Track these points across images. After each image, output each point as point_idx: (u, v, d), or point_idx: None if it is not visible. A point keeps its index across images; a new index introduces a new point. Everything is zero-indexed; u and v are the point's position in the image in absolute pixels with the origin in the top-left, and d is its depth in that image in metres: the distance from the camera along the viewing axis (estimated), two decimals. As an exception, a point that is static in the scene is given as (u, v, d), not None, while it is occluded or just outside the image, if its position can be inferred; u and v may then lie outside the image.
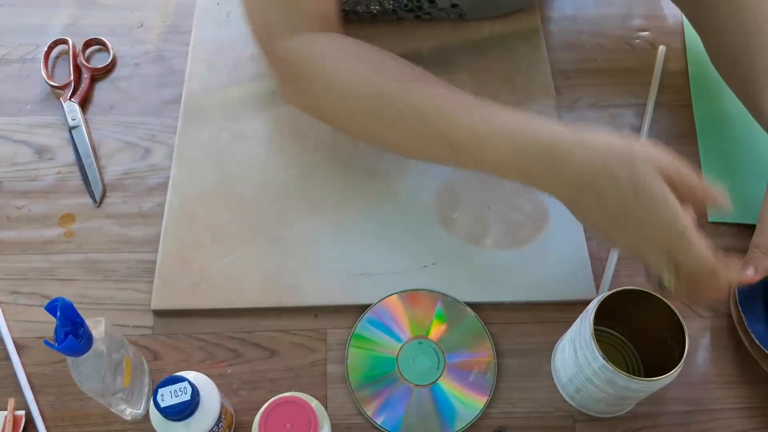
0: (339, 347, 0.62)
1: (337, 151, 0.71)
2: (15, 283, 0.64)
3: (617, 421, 0.59)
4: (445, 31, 0.79)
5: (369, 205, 0.68)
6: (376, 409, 0.59)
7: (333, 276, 0.64)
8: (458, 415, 0.59)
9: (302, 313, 0.63)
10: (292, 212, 0.67)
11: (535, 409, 0.60)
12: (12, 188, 0.70)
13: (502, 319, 0.63)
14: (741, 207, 0.69)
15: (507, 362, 0.61)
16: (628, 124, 0.75)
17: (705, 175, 0.72)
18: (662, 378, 0.51)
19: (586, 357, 0.53)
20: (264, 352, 0.62)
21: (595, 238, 0.66)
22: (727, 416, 0.60)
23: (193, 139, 0.72)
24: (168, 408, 0.49)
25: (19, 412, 0.58)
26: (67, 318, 0.47)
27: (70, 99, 0.74)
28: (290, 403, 0.49)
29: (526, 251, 0.66)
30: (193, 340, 0.62)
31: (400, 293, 0.63)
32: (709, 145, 0.74)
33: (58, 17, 0.81)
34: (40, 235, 0.67)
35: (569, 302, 0.63)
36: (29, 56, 0.78)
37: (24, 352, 0.61)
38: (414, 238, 0.66)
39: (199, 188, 0.68)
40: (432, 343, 0.62)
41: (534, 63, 0.78)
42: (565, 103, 0.77)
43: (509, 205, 0.68)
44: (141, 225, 0.68)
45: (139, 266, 0.65)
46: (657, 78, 0.78)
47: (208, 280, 0.64)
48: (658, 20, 0.84)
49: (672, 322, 0.53)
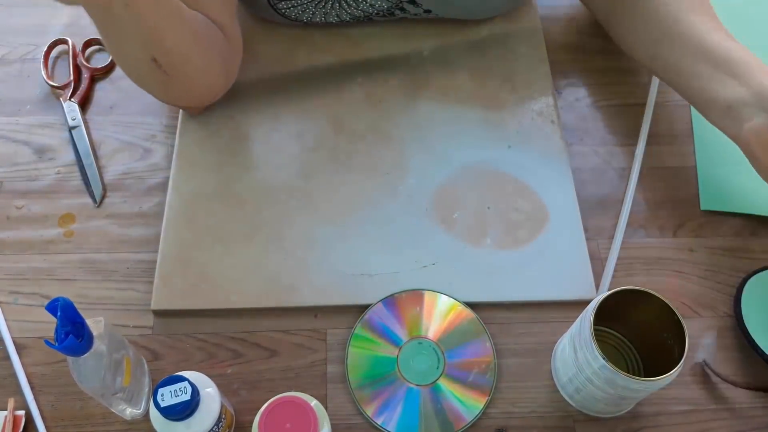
0: (339, 347, 0.62)
1: (337, 151, 0.71)
2: (15, 283, 0.64)
3: (617, 421, 0.59)
4: (445, 31, 0.80)
5: (369, 205, 0.68)
6: (376, 409, 0.59)
7: (333, 276, 0.64)
8: (458, 415, 0.59)
9: (302, 313, 0.63)
10: (292, 212, 0.67)
11: (535, 409, 0.60)
12: (12, 188, 0.70)
13: (502, 319, 0.63)
14: (733, 196, 0.70)
15: (507, 362, 0.61)
16: (628, 124, 0.75)
17: (699, 164, 0.72)
18: (662, 378, 0.51)
19: (586, 357, 0.53)
20: (264, 352, 0.62)
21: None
22: (727, 416, 0.60)
23: (193, 139, 0.72)
24: (168, 408, 0.49)
25: (19, 412, 0.58)
26: (68, 318, 0.47)
27: (70, 99, 0.74)
28: (290, 403, 0.49)
29: (526, 251, 0.66)
30: (193, 340, 0.62)
31: (400, 293, 0.63)
32: (704, 136, 0.74)
33: (58, 17, 0.81)
34: (40, 235, 0.67)
35: (569, 302, 0.63)
36: (29, 56, 0.78)
37: (24, 352, 0.61)
38: (414, 238, 0.66)
39: (199, 188, 0.68)
40: (432, 343, 0.62)
41: (534, 63, 0.78)
42: (565, 103, 0.77)
43: (509, 205, 0.68)
44: (141, 225, 0.68)
45: (139, 266, 0.65)
46: (657, 78, 0.78)
47: (208, 280, 0.64)
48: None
49: (672, 322, 0.53)
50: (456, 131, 0.73)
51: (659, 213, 0.70)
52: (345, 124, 0.73)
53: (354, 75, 0.76)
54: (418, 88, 0.76)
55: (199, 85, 0.67)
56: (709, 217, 0.69)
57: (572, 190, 0.69)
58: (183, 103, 0.71)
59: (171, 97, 0.68)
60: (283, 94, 0.75)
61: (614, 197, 0.70)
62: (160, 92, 0.66)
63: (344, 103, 0.74)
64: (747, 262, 0.67)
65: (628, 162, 0.73)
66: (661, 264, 0.67)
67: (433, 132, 0.73)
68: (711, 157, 0.73)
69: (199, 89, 0.68)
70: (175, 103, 0.71)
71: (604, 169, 0.72)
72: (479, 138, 0.72)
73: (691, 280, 0.66)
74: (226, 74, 0.70)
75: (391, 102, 0.75)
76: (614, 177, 0.72)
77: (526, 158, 0.71)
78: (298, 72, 0.77)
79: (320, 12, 0.74)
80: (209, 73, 0.66)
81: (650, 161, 0.73)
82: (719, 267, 0.67)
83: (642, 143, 0.73)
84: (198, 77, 0.65)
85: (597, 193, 0.71)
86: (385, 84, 0.76)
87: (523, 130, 0.73)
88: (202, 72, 0.65)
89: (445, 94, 0.75)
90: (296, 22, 0.76)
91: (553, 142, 0.72)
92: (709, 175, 0.71)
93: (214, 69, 0.67)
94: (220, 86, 0.70)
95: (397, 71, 0.77)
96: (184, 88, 0.65)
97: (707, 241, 0.68)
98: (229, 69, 0.70)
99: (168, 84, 0.63)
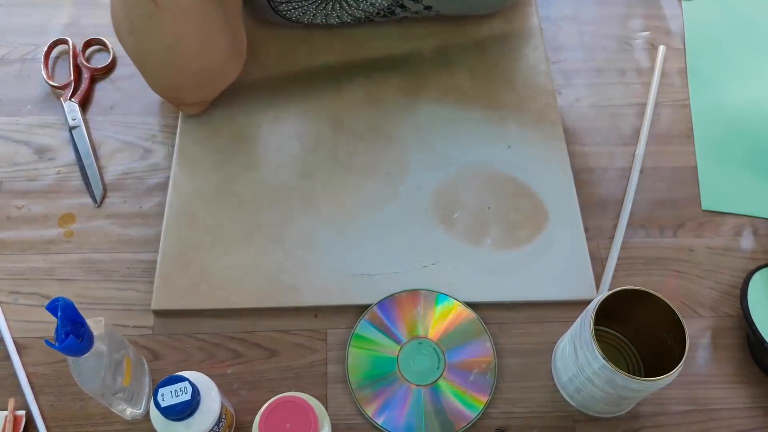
0: (339, 347, 0.62)
1: (337, 151, 0.71)
2: (15, 283, 0.64)
3: (617, 421, 0.59)
4: (445, 31, 0.80)
5: (369, 205, 0.68)
6: (377, 410, 0.59)
7: (333, 276, 0.64)
8: (458, 415, 0.59)
9: (302, 313, 0.63)
10: (292, 212, 0.67)
11: (535, 409, 0.60)
12: (12, 188, 0.70)
13: (502, 319, 0.63)
14: (733, 196, 0.70)
15: (507, 362, 0.61)
16: (628, 124, 0.75)
17: (700, 165, 0.72)
18: (662, 378, 0.51)
19: (586, 357, 0.53)
20: (264, 352, 0.62)
21: None
22: (727, 416, 0.60)
23: (193, 139, 0.72)
24: (168, 408, 0.49)
25: (20, 412, 0.58)
26: (68, 318, 0.47)
27: (70, 99, 0.74)
28: (290, 403, 0.49)
29: (526, 251, 0.66)
30: (193, 340, 0.62)
31: (400, 293, 0.63)
32: (704, 137, 0.74)
33: (58, 17, 0.81)
34: (40, 235, 0.67)
35: (569, 302, 0.63)
36: (29, 56, 0.78)
37: (24, 352, 0.61)
38: (414, 238, 0.66)
39: (199, 188, 0.68)
40: (432, 343, 0.62)
41: (534, 63, 0.78)
42: (565, 103, 0.77)
43: (509, 205, 0.68)
44: (141, 225, 0.68)
45: (139, 266, 0.65)
46: (657, 78, 0.78)
47: (208, 280, 0.64)
48: (658, 20, 0.84)
49: (672, 322, 0.53)
50: (456, 131, 0.73)
51: (659, 213, 0.70)
52: (345, 124, 0.73)
53: (354, 75, 0.76)
54: (418, 88, 0.76)
55: (190, 44, 0.63)
56: (709, 217, 0.69)
57: (572, 190, 0.69)
58: (175, 79, 0.67)
59: (161, 60, 0.64)
60: (283, 94, 0.75)
61: (614, 197, 0.70)
62: (146, 38, 0.62)
63: (344, 103, 0.74)
64: (747, 262, 0.67)
65: (628, 162, 0.73)
66: (661, 264, 0.67)
67: (433, 132, 0.73)
68: (711, 157, 0.73)
69: (188, 53, 0.64)
70: (169, 80, 0.67)
71: (604, 169, 0.72)
72: (479, 138, 0.72)
73: (691, 280, 0.66)
74: (224, 59, 0.67)
75: (391, 102, 0.75)
76: (614, 177, 0.72)
77: (526, 158, 0.71)
78: (299, 72, 0.77)
79: (321, 13, 0.74)
80: (205, 38, 0.63)
81: (650, 161, 0.73)
82: (719, 267, 0.67)
83: (642, 143, 0.73)
84: (188, 29, 0.62)
85: (597, 193, 0.71)
86: (385, 84, 0.76)
87: (523, 130, 0.73)
88: (193, 28, 0.62)
89: (445, 94, 0.75)
90: (297, 23, 0.76)
91: (553, 142, 0.72)
92: (709, 175, 0.72)
93: (211, 38, 0.64)
94: (215, 69, 0.67)
95: (397, 71, 0.77)
96: (172, 34, 0.62)
97: (707, 241, 0.68)
98: (228, 56, 0.67)
99: (155, 22, 0.60)
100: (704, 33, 0.82)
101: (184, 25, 0.62)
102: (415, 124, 0.73)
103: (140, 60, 0.66)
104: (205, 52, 0.65)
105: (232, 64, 0.69)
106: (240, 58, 0.70)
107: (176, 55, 0.64)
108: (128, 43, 0.64)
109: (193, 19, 0.62)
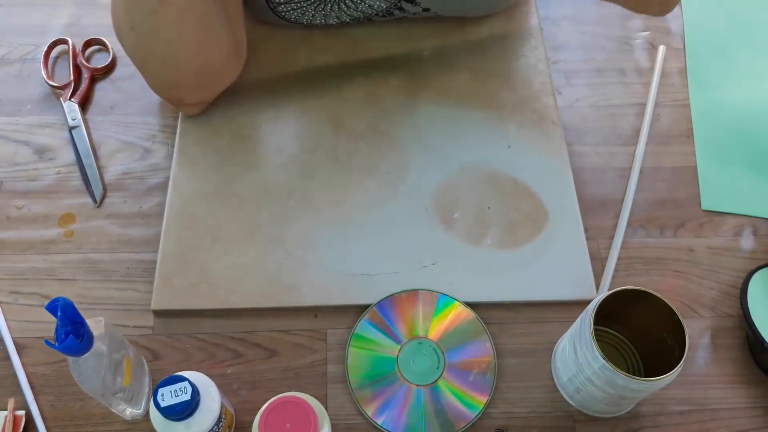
0: (339, 347, 0.62)
1: (337, 151, 0.71)
2: (15, 283, 0.64)
3: (617, 421, 0.59)
4: (445, 31, 0.80)
5: (369, 204, 0.68)
6: (377, 410, 0.59)
7: (333, 276, 0.64)
8: (458, 415, 0.59)
9: (302, 313, 0.63)
10: (292, 212, 0.67)
11: (535, 409, 0.60)
12: (12, 188, 0.70)
13: (502, 319, 0.63)
14: (733, 196, 0.70)
15: (507, 362, 0.61)
16: (628, 124, 0.75)
17: (700, 165, 0.72)
18: (662, 378, 0.51)
19: (586, 357, 0.53)
20: (264, 352, 0.62)
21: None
22: (727, 416, 0.60)
23: (193, 139, 0.72)
24: (168, 408, 0.49)
25: (20, 412, 0.58)
26: (68, 318, 0.47)
27: (70, 99, 0.74)
28: (290, 403, 0.49)
29: (526, 251, 0.66)
30: (193, 340, 0.62)
31: (400, 293, 0.63)
32: (704, 137, 0.74)
33: (58, 17, 0.81)
34: (40, 235, 0.67)
35: (569, 302, 0.63)
36: (29, 56, 0.78)
37: (24, 352, 0.61)
38: (414, 238, 0.66)
39: (199, 188, 0.68)
40: (432, 343, 0.62)
41: (534, 63, 0.78)
42: (565, 103, 0.77)
43: (509, 205, 0.68)
44: (141, 225, 0.68)
45: (139, 266, 0.65)
46: (657, 78, 0.78)
47: (208, 280, 0.64)
48: (658, 20, 0.84)
49: (672, 322, 0.53)
50: (456, 131, 0.73)
51: (659, 213, 0.70)
52: (345, 124, 0.73)
53: (354, 75, 0.76)
54: (418, 88, 0.76)
55: (191, 41, 0.63)
56: (709, 217, 0.69)
57: (572, 190, 0.69)
58: (176, 77, 0.67)
59: (162, 53, 0.64)
60: (283, 95, 0.75)
61: (614, 197, 0.70)
62: (147, 34, 0.62)
63: (344, 103, 0.74)
64: (747, 262, 0.67)
65: (628, 162, 0.73)
66: (661, 264, 0.67)
67: (433, 132, 0.73)
68: (711, 157, 0.73)
69: (189, 50, 0.64)
70: (170, 79, 0.67)
71: (604, 169, 0.72)
72: (479, 138, 0.72)
73: (691, 280, 0.66)
74: (224, 57, 0.67)
75: (391, 102, 0.75)
76: (614, 177, 0.72)
77: (526, 158, 0.71)
78: (298, 72, 0.77)
79: (320, 14, 0.74)
80: (206, 35, 0.63)
81: (650, 161, 0.73)
82: (719, 267, 0.67)
83: (642, 143, 0.73)
84: (189, 26, 0.62)
85: (597, 193, 0.71)
86: (385, 84, 0.76)
87: (523, 130, 0.73)
88: (195, 25, 0.62)
89: (445, 94, 0.75)
90: (296, 24, 0.76)
91: (553, 142, 0.72)
92: (709, 175, 0.72)
93: (213, 36, 0.64)
94: (216, 68, 0.67)
95: (397, 71, 0.77)
96: (174, 30, 0.61)
97: (707, 241, 0.68)
98: (228, 55, 0.67)
99: (157, 17, 0.60)
100: (704, 33, 0.82)
101: (186, 21, 0.62)
102: (415, 124, 0.73)
103: (141, 58, 0.66)
104: (206, 49, 0.65)
105: (233, 64, 0.69)
106: (240, 58, 0.70)
107: (177, 52, 0.64)
108: (129, 41, 0.64)
109: (195, 16, 0.62)
